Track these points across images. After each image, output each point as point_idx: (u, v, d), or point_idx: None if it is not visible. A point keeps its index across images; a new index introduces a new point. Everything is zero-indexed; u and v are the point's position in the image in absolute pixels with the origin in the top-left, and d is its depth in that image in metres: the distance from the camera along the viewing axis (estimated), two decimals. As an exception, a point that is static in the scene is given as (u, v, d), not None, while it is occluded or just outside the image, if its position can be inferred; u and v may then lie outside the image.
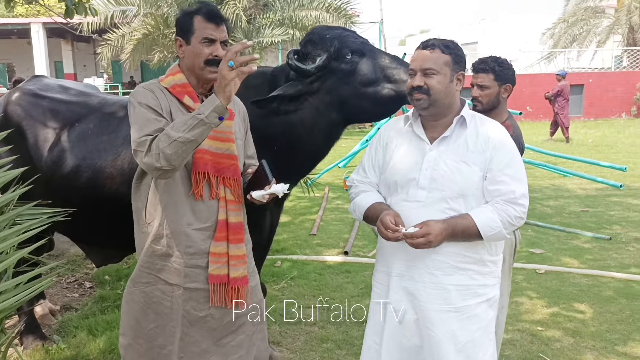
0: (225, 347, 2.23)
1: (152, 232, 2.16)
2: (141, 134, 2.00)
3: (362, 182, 2.29)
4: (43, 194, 2.79)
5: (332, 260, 5.13)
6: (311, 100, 2.60)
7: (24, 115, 3.00)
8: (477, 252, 2.08)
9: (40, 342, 3.40)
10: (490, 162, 2.04)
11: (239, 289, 2.19)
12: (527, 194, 2.06)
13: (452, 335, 2.06)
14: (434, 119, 2.13)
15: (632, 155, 11.52)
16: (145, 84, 2.19)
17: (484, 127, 2.10)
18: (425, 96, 2.04)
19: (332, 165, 9.06)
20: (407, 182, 2.10)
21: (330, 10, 11.33)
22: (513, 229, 2.07)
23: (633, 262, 5.08)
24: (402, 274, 2.13)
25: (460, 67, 2.08)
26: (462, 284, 2.07)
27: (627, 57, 22.21)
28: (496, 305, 2.18)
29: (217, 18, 2.14)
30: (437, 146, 2.09)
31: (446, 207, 2.04)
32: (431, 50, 2.05)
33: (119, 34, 12.11)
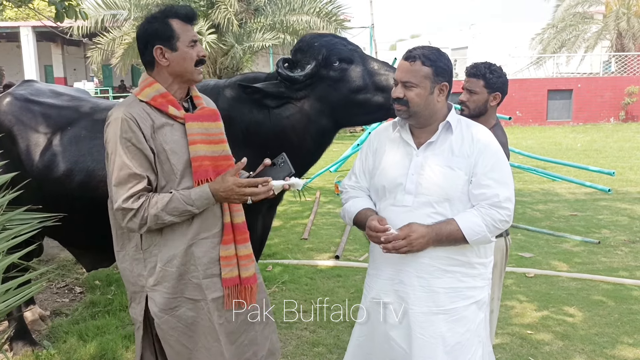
0: (240, 347, 2.24)
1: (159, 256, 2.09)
2: (125, 194, 1.97)
3: (353, 188, 2.32)
4: (34, 199, 2.78)
5: (324, 265, 5.14)
6: (301, 106, 2.64)
7: (15, 120, 2.98)
8: (464, 255, 2.10)
9: (30, 348, 3.38)
10: (475, 166, 2.06)
11: (252, 288, 2.19)
12: (512, 197, 2.08)
13: (441, 337, 2.07)
14: (419, 126, 2.16)
15: (620, 159, 11.62)
16: (126, 107, 2.04)
17: (469, 131, 2.13)
18: (404, 107, 2.08)
19: (323, 170, 9.08)
20: (394, 187, 2.13)
21: (321, 15, 11.35)
22: (498, 232, 2.09)
23: (621, 266, 5.13)
24: (392, 277, 2.15)
25: (443, 78, 2.07)
26: (451, 287, 2.09)
27: (615, 62, 22.42)
28: (486, 307, 2.19)
29: (193, 17, 2.11)
30: (424, 151, 2.12)
31: (432, 212, 2.06)
32: (412, 62, 2.07)
33: (109, 37, 12.07)
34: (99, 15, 11.36)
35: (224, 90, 2.76)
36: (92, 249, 3.15)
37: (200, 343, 2.16)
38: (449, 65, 2.10)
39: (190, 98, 2.20)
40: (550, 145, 14.19)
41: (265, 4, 11.67)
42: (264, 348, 2.32)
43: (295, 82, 2.59)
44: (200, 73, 2.13)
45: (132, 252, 2.15)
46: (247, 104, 2.66)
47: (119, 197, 1.99)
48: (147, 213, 1.97)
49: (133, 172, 1.98)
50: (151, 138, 2.02)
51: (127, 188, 1.98)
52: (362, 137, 10.46)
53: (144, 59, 2.13)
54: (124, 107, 2.06)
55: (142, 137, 2.00)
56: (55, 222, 2.61)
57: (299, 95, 2.63)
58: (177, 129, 2.08)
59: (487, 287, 2.20)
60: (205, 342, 2.16)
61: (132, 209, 1.97)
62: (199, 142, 2.07)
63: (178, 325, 2.14)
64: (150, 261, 2.12)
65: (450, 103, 2.20)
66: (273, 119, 2.65)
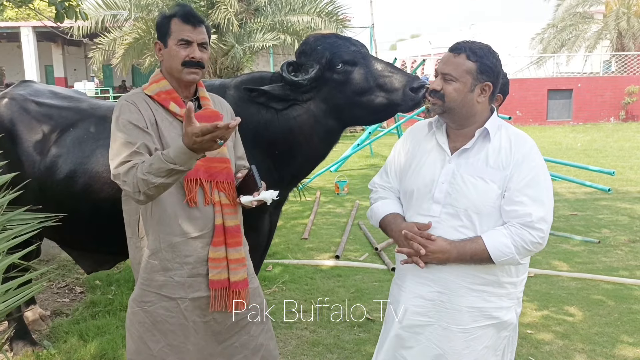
0: (229, 349, 2.23)
1: (148, 247, 2.13)
2: (116, 162, 1.99)
3: (383, 188, 2.20)
4: (35, 200, 2.78)
5: (324, 265, 5.14)
6: (308, 107, 2.65)
7: (15, 120, 2.97)
8: (493, 274, 1.95)
9: (31, 348, 3.38)
10: (510, 181, 1.90)
11: (240, 292, 2.18)
12: (547, 218, 1.89)
13: (458, 354, 1.99)
14: (457, 127, 2.01)
15: (621, 159, 11.62)
16: (130, 94, 2.16)
17: (508, 140, 1.96)
18: (440, 102, 1.95)
19: (324, 170, 9.08)
20: (423, 194, 2.01)
21: (322, 15, 11.34)
22: (529, 254, 1.93)
23: (622, 265, 5.13)
24: (412, 291, 2.06)
25: (487, 78, 1.92)
26: (475, 307, 1.96)
27: (616, 62, 22.42)
28: (511, 328, 2.05)
29: (194, 19, 2.13)
30: (457, 158, 1.98)
31: (459, 225, 1.93)
32: (456, 54, 1.93)
33: (110, 38, 12.07)
34: (99, 15, 11.35)
35: (231, 90, 2.77)
36: (93, 251, 3.15)
37: (165, 342, 2.15)
38: (497, 66, 1.95)
39: (197, 98, 2.22)
40: (550, 144, 14.19)
41: (265, 4, 11.67)
42: (257, 354, 2.30)
43: (300, 87, 2.61)
44: (191, 74, 2.13)
45: (134, 240, 2.19)
46: (255, 104, 2.67)
47: (112, 166, 2.01)
48: (136, 178, 1.93)
49: (125, 141, 2.00)
50: (150, 125, 2.07)
51: (118, 156, 2.00)
52: (362, 136, 10.48)
53: None
54: (128, 95, 2.15)
55: (143, 121, 2.05)
56: (56, 223, 2.61)
57: (304, 98, 2.64)
58: (176, 126, 2.11)
59: (515, 306, 2.04)
60: (172, 340, 2.15)
61: (119, 174, 1.97)
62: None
63: (145, 321, 2.15)
64: (144, 251, 2.15)
65: (493, 107, 2.06)
66: (280, 119, 2.65)
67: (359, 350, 3.45)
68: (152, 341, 2.15)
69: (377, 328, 3.68)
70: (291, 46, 11.51)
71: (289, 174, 2.81)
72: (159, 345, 2.15)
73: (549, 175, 2.01)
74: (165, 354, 2.15)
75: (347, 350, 3.46)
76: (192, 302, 2.14)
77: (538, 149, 2.02)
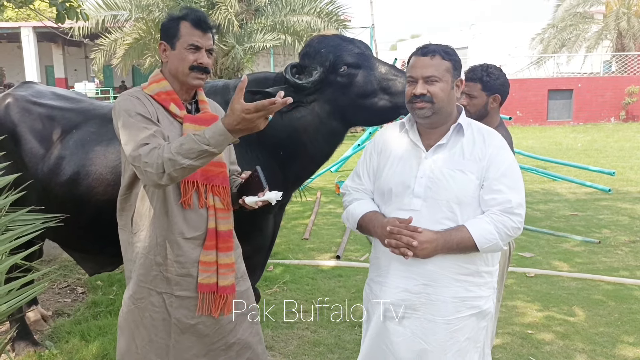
0: (216, 351, 2.24)
1: (142, 243, 2.14)
2: (134, 145, 1.94)
3: (356, 190, 2.24)
4: (38, 201, 2.78)
5: (325, 265, 5.15)
6: (312, 108, 2.66)
7: (17, 122, 2.98)
8: (473, 264, 2.03)
9: (33, 348, 3.39)
10: (487, 171, 1.99)
11: (227, 297, 2.18)
12: (523, 203, 2.01)
13: (442, 346, 2.04)
14: (431, 127, 2.08)
15: (621, 159, 11.62)
16: (130, 91, 2.15)
17: (480, 134, 2.06)
18: (429, 104, 1.99)
19: (324, 170, 9.09)
20: (401, 190, 2.06)
21: (322, 15, 11.35)
22: (510, 239, 2.02)
23: (622, 266, 5.14)
24: (397, 286, 2.08)
25: (459, 74, 2.04)
26: (458, 296, 2.03)
27: (616, 62, 22.43)
28: (489, 317, 2.13)
29: (205, 25, 2.13)
30: (433, 154, 2.05)
31: (442, 217, 2.00)
32: (432, 56, 2.00)
33: (110, 38, 12.09)
34: (99, 16, 11.36)
35: (234, 91, 2.76)
36: (96, 253, 3.15)
37: (147, 337, 2.16)
38: (461, 62, 2.06)
39: (196, 102, 2.22)
40: (550, 145, 14.20)
41: (265, 4, 11.68)
42: (243, 356, 2.29)
43: (304, 89, 2.61)
44: (197, 79, 2.13)
45: (127, 236, 2.20)
46: None
47: (129, 149, 1.94)
48: (162, 159, 1.86)
49: (140, 126, 1.98)
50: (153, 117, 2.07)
51: (135, 139, 1.95)
52: (363, 137, 10.47)
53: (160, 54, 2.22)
54: (129, 92, 2.14)
55: (147, 112, 2.05)
56: (58, 223, 2.61)
57: (308, 100, 2.65)
58: (175, 127, 2.12)
59: (493, 296, 2.13)
60: (154, 335, 2.16)
61: (140, 155, 1.90)
62: None
63: (137, 319, 2.17)
64: (137, 247, 2.16)
65: (461, 106, 2.15)
66: (285, 120, 2.65)
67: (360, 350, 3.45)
68: (138, 338, 2.18)
69: (378, 328, 3.68)
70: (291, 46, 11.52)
71: (293, 175, 2.82)
72: (143, 342, 2.17)
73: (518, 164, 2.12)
74: (147, 351, 2.17)
75: (348, 350, 3.46)
76: (178, 300, 2.15)
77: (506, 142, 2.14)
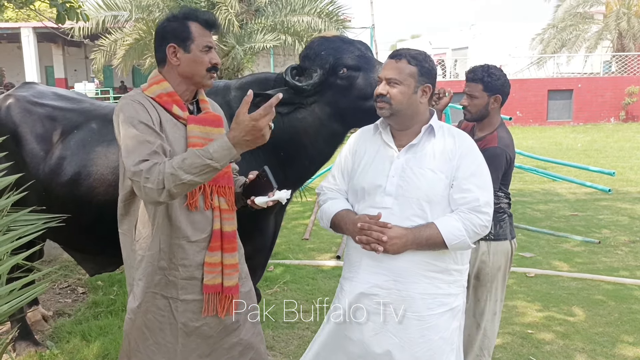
0: (218, 351, 2.24)
1: (146, 250, 2.11)
2: (135, 159, 1.89)
3: (330, 190, 2.30)
4: (39, 202, 2.79)
5: (325, 265, 5.16)
6: (312, 109, 2.66)
7: (19, 122, 2.98)
8: (443, 261, 2.08)
9: (34, 348, 3.40)
10: (457, 170, 2.06)
11: (232, 297, 2.18)
12: (491, 202, 2.07)
13: (414, 343, 2.06)
14: (401, 128, 2.15)
15: (621, 159, 11.63)
16: (131, 95, 2.09)
17: (451, 136, 2.13)
18: (387, 105, 2.07)
19: (324, 170, 9.06)
20: (374, 189, 2.11)
21: (322, 15, 11.33)
22: (478, 237, 2.07)
23: (622, 266, 5.15)
24: (368, 280, 2.12)
25: (427, 80, 2.08)
26: (428, 293, 2.06)
27: (616, 62, 22.43)
28: (460, 316, 2.16)
29: (213, 25, 2.12)
30: (405, 154, 2.11)
31: (412, 214, 2.05)
32: (397, 60, 2.08)
33: (111, 39, 12.08)
34: (100, 16, 11.35)
35: (236, 91, 2.76)
36: (97, 254, 3.15)
37: (153, 339, 2.15)
38: (433, 68, 2.11)
39: (196, 101, 2.20)
40: (550, 145, 14.21)
41: (266, 4, 11.66)
42: (246, 356, 2.30)
43: (303, 92, 2.61)
44: (212, 79, 2.13)
45: (129, 242, 2.18)
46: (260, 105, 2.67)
47: (130, 163, 1.90)
48: (163, 174, 1.84)
49: (143, 139, 1.93)
50: (157, 126, 2.03)
51: (137, 153, 1.91)
52: (363, 137, 10.48)
53: (157, 55, 2.14)
54: (131, 95, 2.09)
55: (151, 121, 2.01)
56: (60, 224, 2.62)
57: (309, 101, 2.65)
58: (179, 129, 2.09)
59: (462, 295, 2.17)
60: (161, 339, 2.15)
61: (141, 170, 1.87)
62: (198, 145, 2.05)
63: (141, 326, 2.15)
64: (139, 254, 2.14)
65: (432, 109, 2.20)
66: (286, 121, 2.65)
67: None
68: (142, 339, 2.17)
69: (378, 328, 3.69)
70: (292, 47, 11.51)
71: (294, 175, 2.82)
72: (146, 343, 2.16)
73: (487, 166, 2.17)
74: (152, 352, 2.16)
75: (349, 350, 3.47)
76: (184, 304, 2.14)
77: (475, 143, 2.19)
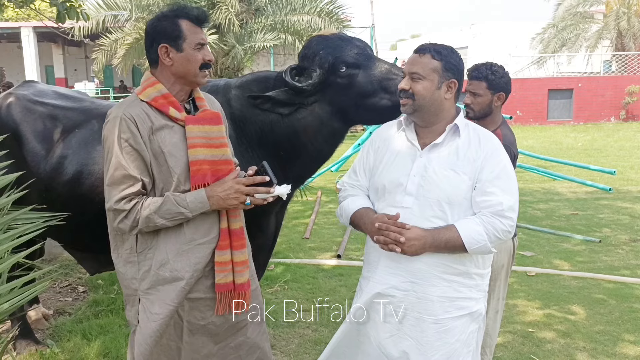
0: (225, 349, 2.22)
1: (154, 260, 2.07)
2: (117, 195, 1.97)
3: (352, 186, 2.25)
4: (39, 200, 2.78)
5: (325, 264, 5.15)
6: (312, 109, 2.65)
7: (19, 121, 2.98)
8: (463, 264, 2.02)
9: (34, 347, 3.40)
10: (481, 172, 1.99)
11: (245, 293, 2.16)
12: (515, 207, 2.00)
13: (429, 345, 2.02)
14: (425, 125, 2.08)
15: (621, 159, 11.63)
16: (126, 107, 2.02)
17: (477, 136, 2.06)
18: (410, 101, 2.02)
19: (325, 169, 9.09)
20: (395, 187, 2.06)
21: (322, 14, 11.33)
22: (499, 242, 2.01)
23: (622, 265, 5.14)
24: (386, 281, 2.08)
25: (453, 75, 2.02)
26: (446, 296, 2.01)
27: (616, 61, 22.42)
28: (480, 319, 2.11)
29: (205, 20, 2.08)
30: (427, 153, 2.05)
31: (432, 215, 1.99)
32: (421, 54, 2.02)
33: (111, 38, 12.08)
34: (100, 16, 11.36)
35: (237, 90, 2.75)
36: (97, 252, 3.14)
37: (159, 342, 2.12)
38: (460, 63, 2.04)
39: (192, 100, 2.17)
40: (551, 144, 14.20)
41: (266, 4, 11.67)
42: (252, 355, 2.28)
43: (303, 92, 2.60)
44: (205, 76, 2.10)
45: (126, 254, 2.11)
46: (260, 107, 2.65)
47: (112, 198, 1.98)
48: (139, 215, 1.95)
49: (128, 174, 1.96)
50: (149, 140, 2.00)
51: (120, 189, 1.97)
52: (363, 136, 10.46)
53: (149, 56, 2.11)
54: (124, 106, 2.04)
55: (140, 139, 1.98)
56: (60, 222, 2.61)
57: (309, 101, 2.63)
58: (177, 132, 2.05)
59: (483, 299, 2.12)
60: (166, 340, 2.13)
61: (124, 210, 1.96)
62: (199, 146, 2.04)
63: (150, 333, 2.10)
64: (145, 264, 2.09)
65: (459, 106, 2.13)
66: (285, 120, 2.64)
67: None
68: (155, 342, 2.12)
69: (379, 327, 3.68)
70: (292, 46, 11.52)
71: (294, 174, 2.81)
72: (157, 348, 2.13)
73: (513, 168, 2.10)
74: (158, 355, 2.14)
75: (350, 349, 3.47)
76: (190, 303, 2.11)
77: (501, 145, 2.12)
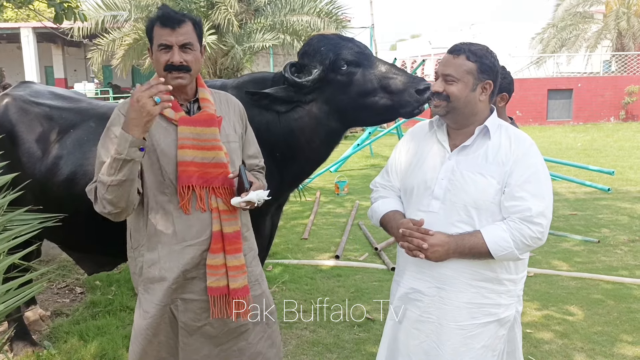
0: (227, 352, 2.21)
1: (145, 257, 2.11)
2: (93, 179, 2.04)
3: (384, 187, 2.22)
4: (35, 201, 2.78)
5: (324, 265, 5.15)
6: (310, 108, 2.64)
7: (15, 121, 2.97)
8: (492, 270, 1.96)
9: (31, 348, 3.39)
10: (510, 177, 1.92)
11: (241, 300, 2.13)
12: (547, 213, 1.91)
13: (455, 352, 1.98)
14: (457, 127, 2.04)
15: (620, 159, 11.62)
16: (124, 104, 2.09)
17: (508, 138, 1.99)
18: (444, 103, 1.97)
19: (324, 170, 9.09)
20: (423, 190, 2.03)
21: (322, 15, 11.32)
22: (528, 249, 1.94)
23: (621, 265, 5.14)
24: (411, 287, 2.07)
25: (488, 76, 1.97)
26: (474, 302, 1.97)
27: (616, 61, 22.42)
28: (509, 325, 2.05)
29: (170, 22, 2.04)
30: (456, 155, 2.01)
31: (458, 220, 1.95)
32: (455, 56, 1.96)
33: (109, 38, 12.07)
34: (99, 16, 11.34)
35: (233, 91, 2.73)
36: (94, 253, 3.14)
37: (156, 340, 2.14)
38: (495, 64, 1.99)
39: (196, 100, 2.16)
40: (550, 144, 14.19)
41: (265, 4, 11.66)
42: None
43: (303, 88, 2.59)
44: (176, 79, 2.04)
45: (129, 250, 2.20)
46: (257, 105, 2.65)
47: (89, 184, 2.04)
48: (96, 186, 1.98)
49: (103, 161, 2.00)
50: None
51: (94, 175, 2.03)
52: (363, 136, 10.49)
53: None
54: (122, 104, 2.10)
55: None
56: (56, 223, 2.61)
57: (307, 99, 2.62)
58: (172, 132, 2.06)
59: (515, 304, 2.05)
60: (163, 337, 2.15)
61: (92, 190, 2.01)
62: (188, 147, 2.04)
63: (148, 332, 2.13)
64: (139, 261, 2.14)
65: (493, 106, 2.09)
66: (282, 120, 2.64)
67: (359, 349, 3.46)
68: (146, 341, 2.15)
69: (376, 328, 3.68)
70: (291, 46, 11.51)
71: (291, 175, 2.80)
72: (151, 346, 2.15)
73: (548, 172, 2.03)
74: (156, 351, 2.15)
75: (347, 349, 3.46)
76: (184, 303, 2.12)
77: (537, 148, 2.04)
